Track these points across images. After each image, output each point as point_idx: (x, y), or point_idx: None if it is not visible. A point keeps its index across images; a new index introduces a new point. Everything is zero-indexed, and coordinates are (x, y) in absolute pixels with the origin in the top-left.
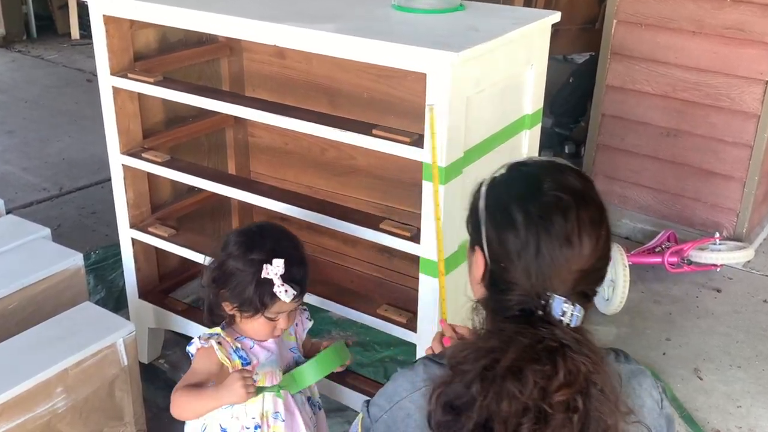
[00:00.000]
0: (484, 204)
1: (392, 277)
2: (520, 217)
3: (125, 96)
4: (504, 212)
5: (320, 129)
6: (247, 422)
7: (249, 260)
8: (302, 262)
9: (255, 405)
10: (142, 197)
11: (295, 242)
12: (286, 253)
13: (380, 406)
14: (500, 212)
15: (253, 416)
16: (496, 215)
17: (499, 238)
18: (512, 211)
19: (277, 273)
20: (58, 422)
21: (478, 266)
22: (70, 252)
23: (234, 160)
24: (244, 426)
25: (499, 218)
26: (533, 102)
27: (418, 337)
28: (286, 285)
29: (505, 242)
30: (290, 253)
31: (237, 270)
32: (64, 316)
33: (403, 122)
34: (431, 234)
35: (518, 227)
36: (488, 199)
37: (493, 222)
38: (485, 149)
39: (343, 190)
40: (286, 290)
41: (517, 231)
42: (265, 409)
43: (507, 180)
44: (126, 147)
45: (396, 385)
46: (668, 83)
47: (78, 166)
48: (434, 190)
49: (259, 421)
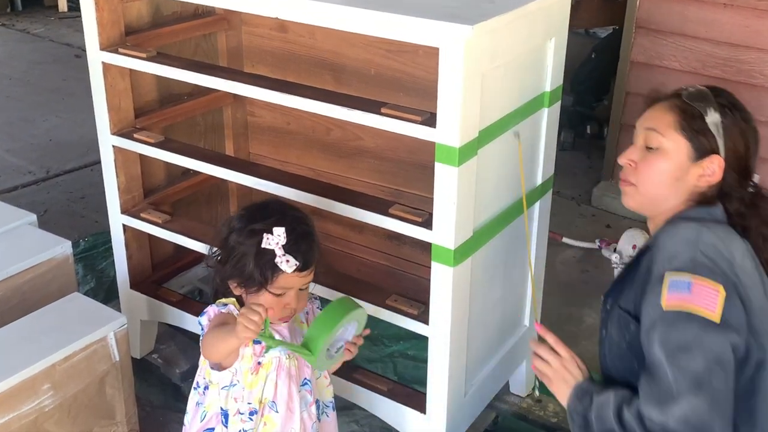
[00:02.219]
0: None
1: (402, 266)
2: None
3: (116, 72)
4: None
5: (324, 107)
6: (243, 407)
7: (249, 231)
8: (307, 234)
9: (254, 390)
10: (134, 181)
11: (301, 216)
12: (289, 224)
13: (686, 250)
14: (739, 111)
15: (250, 401)
16: (735, 114)
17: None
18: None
19: (279, 243)
20: (44, 421)
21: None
22: (57, 239)
23: (232, 140)
24: (239, 410)
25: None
26: (553, 79)
27: (431, 329)
28: (287, 255)
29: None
30: (294, 224)
31: (238, 243)
32: (51, 308)
33: (413, 100)
34: (444, 219)
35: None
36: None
37: (733, 120)
38: (501, 129)
39: (350, 172)
40: (287, 260)
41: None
42: (265, 395)
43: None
44: (117, 127)
45: None
46: (697, 59)
47: (66, 148)
48: (524, 213)
49: (256, 406)
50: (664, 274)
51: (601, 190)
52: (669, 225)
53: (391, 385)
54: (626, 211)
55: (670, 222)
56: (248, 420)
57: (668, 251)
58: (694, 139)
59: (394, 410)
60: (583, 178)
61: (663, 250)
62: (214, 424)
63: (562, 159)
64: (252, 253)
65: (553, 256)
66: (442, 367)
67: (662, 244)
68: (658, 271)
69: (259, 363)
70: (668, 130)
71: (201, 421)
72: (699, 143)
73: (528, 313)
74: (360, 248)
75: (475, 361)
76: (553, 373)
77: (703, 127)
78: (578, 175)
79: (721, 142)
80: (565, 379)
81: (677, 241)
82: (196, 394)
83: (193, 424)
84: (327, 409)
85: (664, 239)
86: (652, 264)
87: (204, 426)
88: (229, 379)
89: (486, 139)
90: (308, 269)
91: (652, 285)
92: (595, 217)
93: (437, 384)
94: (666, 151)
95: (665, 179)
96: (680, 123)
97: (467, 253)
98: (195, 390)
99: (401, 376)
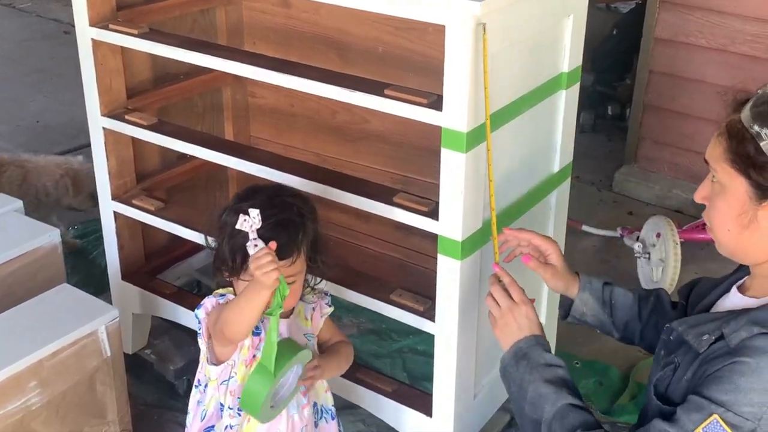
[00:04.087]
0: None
1: (411, 257)
2: None
3: (106, 50)
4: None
5: (327, 89)
6: (233, 402)
7: (234, 209)
8: (292, 223)
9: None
10: (125, 165)
11: (297, 204)
12: (274, 208)
13: (758, 403)
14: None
15: (239, 396)
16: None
17: None
18: None
19: (252, 225)
20: (31, 420)
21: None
22: (45, 227)
23: (232, 123)
24: (229, 405)
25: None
26: (571, 58)
27: (437, 327)
28: (257, 240)
29: None
30: (281, 209)
31: (224, 224)
32: (38, 300)
33: (423, 81)
34: (451, 209)
35: None
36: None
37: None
38: (514, 112)
39: (356, 157)
40: (255, 245)
41: None
42: None
43: None
44: (108, 108)
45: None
46: (725, 35)
47: (54, 130)
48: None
49: None
50: (720, 401)
51: (623, 174)
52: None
53: (395, 386)
54: (650, 196)
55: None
56: (236, 416)
57: (741, 383)
58: (750, 173)
59: (399, 413)
60: (603, 162)
61: (747, 364)
62: (214, 421)
63: (582, 142)
64: (227, 233)
65: (572, 246)
66: (449, 367)
67: (755, 348)
68: (727, 378)
69: (254, 356)
70: (718, 161)
71: (202, 420)
72: (758, 179)
73: (544, 309)
74: (366, 238)
75: (485, 360)
76: (499, 315)
77: (760, 156)
78: (599, 159)
79: None
80: (508, 324)
81: (759, 377)
82: (198, 393)
83: (194, 424)
84: (326, 414)
85: (760, 344)
86: (735, 351)
87: (204, 425)
88: (227, 372)
89: (497, 123)
90: (284, 259)
91: (718, 378)
92: (616, 204)
93: (444, 385)
94: (723, 186)
95: (729, 224)
96: (729, 152)
97: (476, 245)
98: (196, 388)
99: (410, 373)
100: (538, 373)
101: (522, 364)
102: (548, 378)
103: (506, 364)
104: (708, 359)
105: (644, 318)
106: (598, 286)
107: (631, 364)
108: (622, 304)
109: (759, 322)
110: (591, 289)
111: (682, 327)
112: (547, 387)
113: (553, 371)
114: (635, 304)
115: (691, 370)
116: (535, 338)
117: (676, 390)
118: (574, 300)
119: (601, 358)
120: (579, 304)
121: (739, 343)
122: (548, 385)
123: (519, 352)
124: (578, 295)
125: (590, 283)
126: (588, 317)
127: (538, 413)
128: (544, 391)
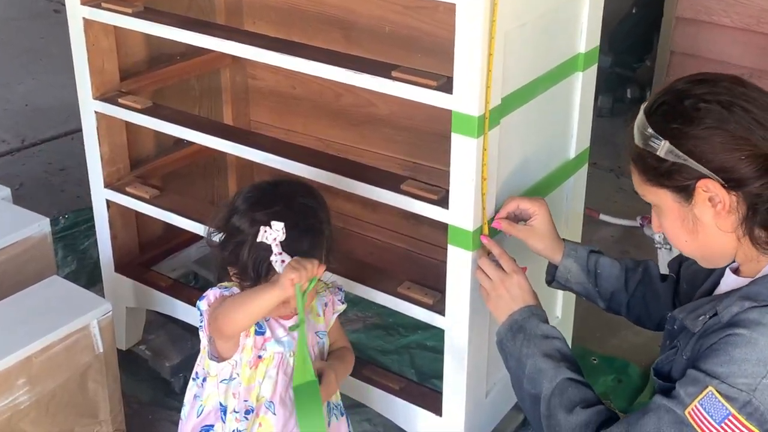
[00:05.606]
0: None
1: (420, 248)
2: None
3: (99, 30)
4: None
5: (331, 70)
6: (239, 405)
7: (250, 219)
8: (312, 230)
9: (252, 385)
10: (119, 151)
11: (313, 205)
12: (294, 215)
13: (752, 374)
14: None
15: (246, 399)
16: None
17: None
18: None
19: (276, 238)
20: (19, 420)
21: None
22: (34, 216)
23: (231, 106)
24: (235, 408)
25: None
26: (588, 38)
27: (447, 321)
28: (284, 255)
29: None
30: (300, 215)
31: (235, 229)
32: (26, 294)
33: (432, 62)
34: (462, 197)
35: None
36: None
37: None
38: (528, 95)
39: (362, 143)
40: (282, 260)
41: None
42: (262, 393)
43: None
44: (100, 91)
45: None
46: (750, 14)
47: (44, 114)
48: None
49: (253, 404)
50: (715, 373)
51: None
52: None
53: (403, 383)
54: None
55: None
56: (243, 419)
57: (735, 354)
58: (663, 182)
59: (407, 411)
60: (623, 148)
61: (741, 336)
62: (212, 420)
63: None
64: (248, 244)
65: (590, 236)
66: (459, 363)
67: (748, 321)
68: (721, 352)
69: (259, 357)
70: (641, 188)
71: (198, 416)
72: (673, 184)
73: (560, 302)
74: (373, 228)
75: (497, 356)
76: (490, 287)
77: (662, 164)
78: (617, 145)
79: (694, 162)
80: (500, 296)
81: (753, 348)
82: (195, 386)
83: (190, 418)
84: (336, 410)
85: (753, 317)
86: (729, 325)
87: (201, 422)
88: (228, 372)
89: (510, 107)
90: None
91: (713, 351)
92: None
93: (454, 383)
94: (658, 206)
95: (682, 236)
96: (642, 174)
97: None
98: (194, 381)
99: (419, 370)
100: (536, 347)
101: (518, 337)
102: (547, 351)
103: (502, 338)
104: (704, 335)
105: (631, 289)
106: (583, 254)
107: (651, 361)
108: (608, 274)
109: (750, 297)
110: (576, 257)
111: (683, 314)
112: (545, 361)
113: (550, 343)
114: (622, 275)
115: (689, 348)
116: (530, 309)
117: (677, 370)
118: (559, 267)
119: (619, 354)
120: (563, 270)
121: (733, 317)
122: (547, 360)
123: (514, 324)
124: (562, 262)
125: (575, 250)
126: (573, 284)
127: (537, 388)
128: (543, 365)
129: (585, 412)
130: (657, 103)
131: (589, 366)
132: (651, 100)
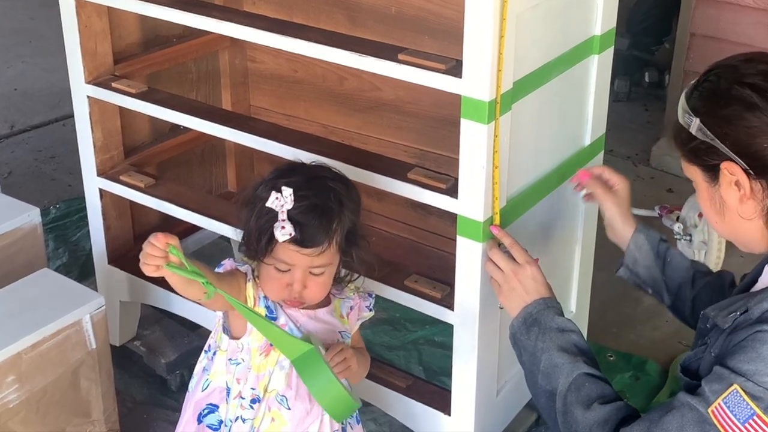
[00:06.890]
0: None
1: (428, 240)
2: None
3: (91, 10)
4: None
5: (334, 53)
6: (245, 391)
7: (269, 186)
8: (327, 210)
9: (261, 374)
10: (112, 138)
11: (337, 189)
12: (309, 190)
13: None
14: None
15: (254, 387)
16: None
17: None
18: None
19: (283, 204)
20: (9, 419)
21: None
22: (24, 206)
23: (230, 91)
24: (240, 394)
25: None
26: (604, 20)
27: (456, 316)
28: (286, 221)
29: None
30: (317, 193)
31: (256, 197)
32: (16, 287)
33: (440, 45)
34: (472, 186)
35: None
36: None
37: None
38: (541, 80)
39: (366, 129)
40: (282, 227)
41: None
42: (272, 385)
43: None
44: (93, 75)
45: None
46: None
47: (34, 99)
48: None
49: (260, 394)
50: (741, 371)
51: (662, 148)
52: None
53: (410, 381)
54: None
55: None
56: (248, 408)
57: (764, 351)
58: (694, 160)
59: (414, 411)
60: (640, 134)
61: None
62: (217, 400)
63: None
64: (258, 208)
65: None
66: (469, 360)
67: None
68: (748, 349)
69: (271, 344)
70: (682, 163)
71: (203, 390)
72: (702, 162)
73: (575, 295)
74: (378, 218)
75: (509, 352)
76: (503, 280)
77: (693, 141)
78: (635, 131)
79: (719, 144)
80: (513, 289)
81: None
82: (205, 358)
83: (195, 391)
84: (351, 419)
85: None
86: (759, 321)
87: (206, 398)
88: (235, 353)
89: (522, 91)
90: (312, 247)
91: (741, 348)
92: (654, 180)
93: (464, 380)
94: (695, 183)
95: (712, 216)
96: (679, 150)
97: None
98: (205, 353)
99: (427, 366)
100: (551, 341)
101: (533, 330)
102: (562, 345)
103: (515, 332)
104: (733, 332)
105: (698, 287)
106: (655, 235)
107: (671, 357)
108: (677, 264)
109: None
110: (647, 235)
111: (714, 311)
112: (561, 356)
113: (566, 337)
114: (691, 270)
115: (718, 345)
116: (544, 301)
117: (705, 367)
118: (629, 244)
119: (637, 350)
120: (633, 248)
121: (764, 313)
122: (563, 354)
123: (528, 317)
124: (633, 237)
125: (647, 230)
126: (640, 268)
127: (552, 384)
128: (559, 360)
129: (603, 408)
130: (703, 79)
131: (605, 363)
132: (702, 75)
